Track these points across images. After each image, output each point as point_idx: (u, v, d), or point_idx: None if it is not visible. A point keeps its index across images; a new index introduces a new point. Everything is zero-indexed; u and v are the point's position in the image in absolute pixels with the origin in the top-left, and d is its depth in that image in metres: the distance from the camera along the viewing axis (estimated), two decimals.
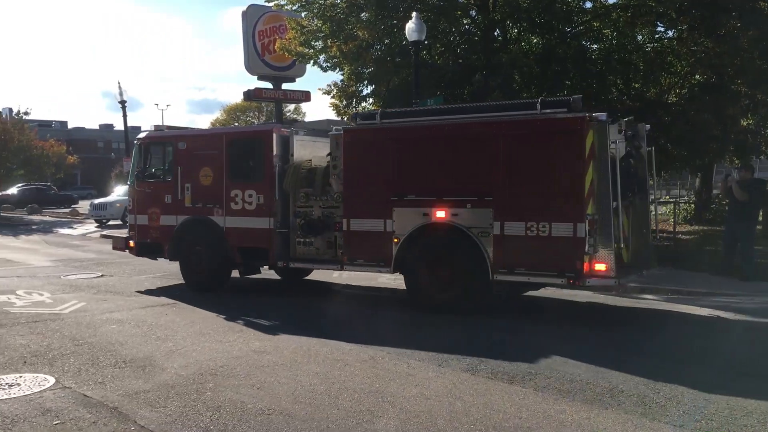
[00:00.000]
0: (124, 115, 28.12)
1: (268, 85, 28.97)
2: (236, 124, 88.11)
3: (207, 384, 6.78)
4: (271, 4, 21.17)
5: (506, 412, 5.93)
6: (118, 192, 33.67)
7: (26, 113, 40.40)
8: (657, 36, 18.98)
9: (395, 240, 10.46)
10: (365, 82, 19.06)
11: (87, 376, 7.10)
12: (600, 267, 9.03)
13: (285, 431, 5.50)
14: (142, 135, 13.96)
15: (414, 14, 15.42)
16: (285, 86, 29.06)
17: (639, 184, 10.55)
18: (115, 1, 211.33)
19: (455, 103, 17.68)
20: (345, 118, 19.73)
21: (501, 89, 16.89)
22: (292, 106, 72.36)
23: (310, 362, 7.58)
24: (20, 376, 7.09)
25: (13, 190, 45.52)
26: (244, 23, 28.62)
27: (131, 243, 13.75)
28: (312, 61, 19.91)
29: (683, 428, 5.63)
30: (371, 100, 19.52)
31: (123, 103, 27.85)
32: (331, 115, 21.05)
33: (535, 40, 18.61)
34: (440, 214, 10.10)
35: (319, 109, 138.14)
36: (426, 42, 16.54)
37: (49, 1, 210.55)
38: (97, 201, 33.24)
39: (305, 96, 29.91)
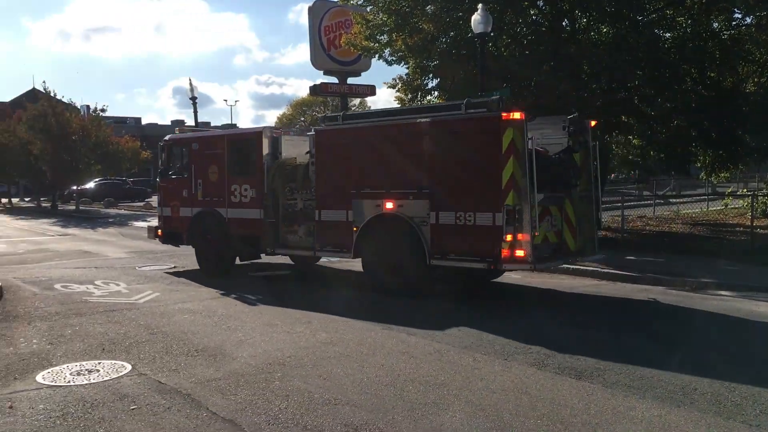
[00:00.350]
0: (195, 112, 28.80)
1: (334, 79, 29.21)
2: (302, 119, 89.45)
3: (275, 373, 6.92)
4: None
5: (574, 408, 5.84)
6: None
7: (103, 110, 41.84)
8: (734, 23, 18.29)
9: (354, 228, 11.54)
10: (430, 76, 19.00)
11: (161, 364, 7.35)
12: (519, 253, 9.75)
13: (352, 422, 5.57)
14: (166, 137, 15.57)
15: (480, 6, 15.27)
16: (350, 80, 29.24)
17: (577, 176, 11.08)
18: (182, 2, 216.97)
19: (522, 95, 17.47)
20: None
21: (569, 80, 16.58)
22: (357, 100, 72.96)
23: (375, 354, 7.64)
24: (99, 363, 7.39)
25: (90, 185, 47.35)
26: (310, 19, 28.91)
27: (159, 232, 15.43)
28: (377, 55, 19.97)
29: (759, 428, 5.44)
30: (436, 93, 19.47)
31: (194, 99, 28.50)
32: None
33: (605, 30, 18.17)
34: (389, 205, 11.17)
35: (385, 103, 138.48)
36: (492, 34, 16.36)
37: (121, 4, 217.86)
38: None
39: (370, 90, 30.05)
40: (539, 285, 12.48)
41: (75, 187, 43.13)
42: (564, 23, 18.56)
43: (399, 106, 18.48)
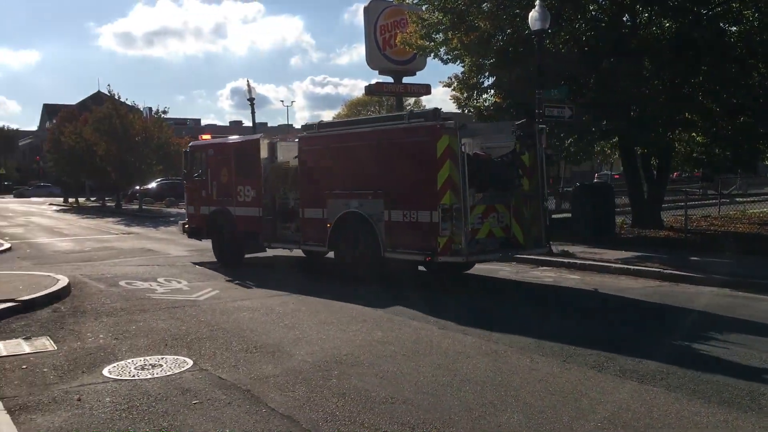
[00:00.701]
0: (252, 113, 29.28)
1: (389, 79, 29.24)
2: (357, 118, 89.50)
3: (332, 371, 6.97)
4: None
5: (636, 412, 5.71)
6: None
7: (164, 112, 42.89)
8: None
9: (328, 225, 12.96)
10: (486, 74, 18.85)
11: (221, 360, 7.50)
12: (454, 246, 11.05)
13: (408, 420, 5.56)
14: (190, 144, 17.81)
15: (537, 2, 15.08)
16: (405, 80, 29.20)
17: (519, 176, 12.01)
18: (240, 5, 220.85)
19: (581, 92, 17.20)
20: (465, 111, 19.63)
21: (629, 77, 16.22)
22: (411, 100, 72.79)
23: (432, 353, 7.62)
24: (162, 358, 7.59)
25: (152, 185, 48.58)
26: (366, 19, 29.00)
27: (186, 227, 17.32)
28: (432, 54, 19.92)
29: None
30: (492, 91, 19.30)
31: (251, 100, 28.97)
32: (452, 107, 21.01)
33: (667, 24, 17.71)
34: (354, 204, 12.54)
35: (439, 102, 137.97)
36: (549, 31, 16.13)
37: (182, 8, 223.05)
38: None
39: (425, 89, 29.95)
40: (597, 286, 12.24)
41: (138, 187, 44.30)
42: (624, 18, 18.17)
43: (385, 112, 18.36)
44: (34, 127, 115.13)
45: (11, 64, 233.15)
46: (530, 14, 15.25)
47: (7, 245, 20.62)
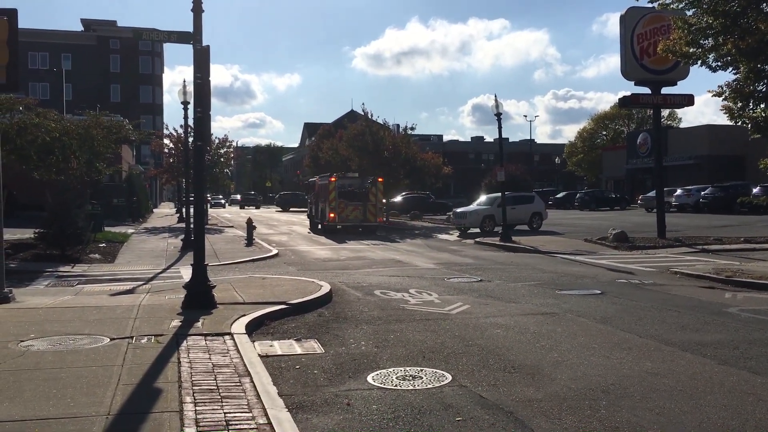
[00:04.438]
0: (499, 127, 28.95)
1: (646, 90, 27.46)
2: (603, 132, 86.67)
3: (600, 401, 6.49)
4: (654, 4, 19.98)
5: None
6: (480, 201, 34.86)
7: (412, 129, 44.64)
8: None
9: (319, 211, 35.28)
10: (766, 81, 16.86)
11: (480, 377, 7.36)
12: (332, 218, 32.89)
13: None
14: (311, 179, 44.77)
15: None
16: (664, 90, 27.21)
17: (366, 197, 33.42)
18: (486, 23, 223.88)
19: None
20: (740, 122, 17.78)
21: None
22: (665, 112, 68.14)
23: (713, 392, 6.80)
24: (421, 370, 7.64)
25: (398, 198, 50.69)
26: (622, 27, 27.50)
27: (308, 215, 40.81)
28: (699, 62, 18.29)
29: None
30: None
31: (498, 115, 28.79)
32: (711, 119, 19.12)
33: None
34: (321, 205, 34.76)
35: (696, 114, 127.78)
36: None
37: (430, 28, 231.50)
38: (459, 210, 34.77)
39: (687, 100, 27.61)
40: None
41: (384, 200, 46.41)
42: None
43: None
44: (295, 144, 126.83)
45: (277, 87, 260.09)
46: None
47: (275, 251, 22.67)
